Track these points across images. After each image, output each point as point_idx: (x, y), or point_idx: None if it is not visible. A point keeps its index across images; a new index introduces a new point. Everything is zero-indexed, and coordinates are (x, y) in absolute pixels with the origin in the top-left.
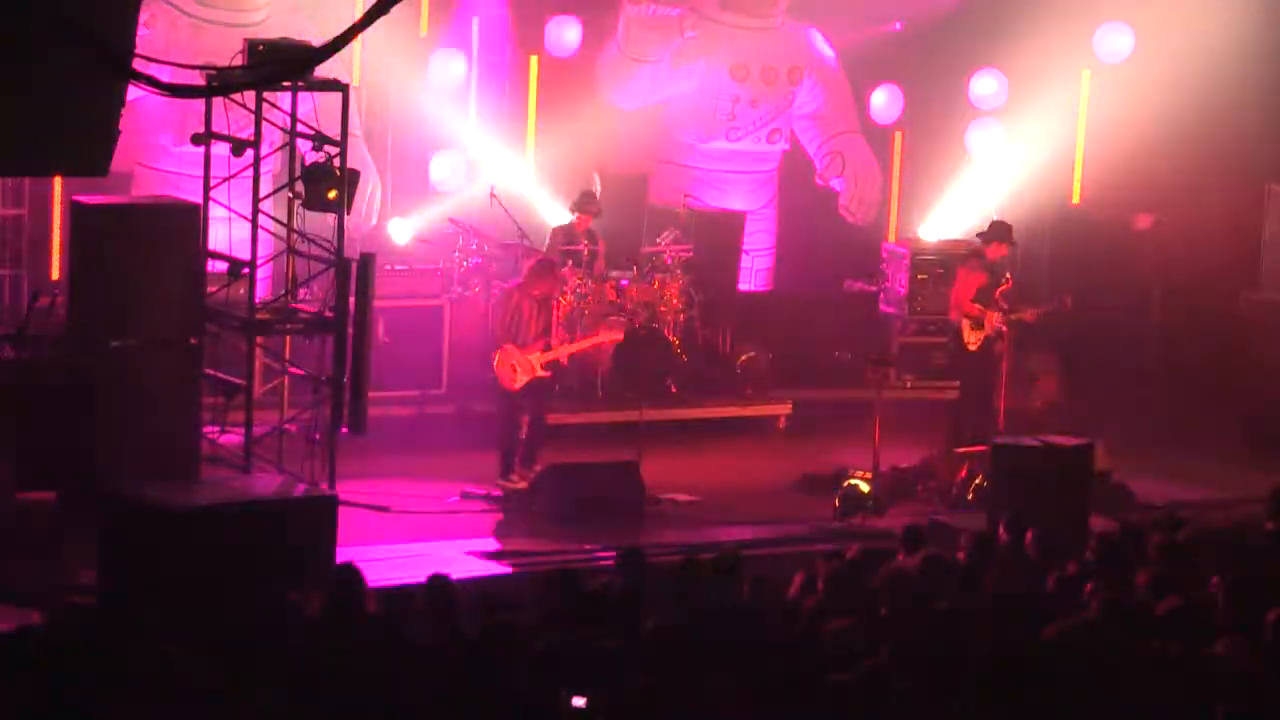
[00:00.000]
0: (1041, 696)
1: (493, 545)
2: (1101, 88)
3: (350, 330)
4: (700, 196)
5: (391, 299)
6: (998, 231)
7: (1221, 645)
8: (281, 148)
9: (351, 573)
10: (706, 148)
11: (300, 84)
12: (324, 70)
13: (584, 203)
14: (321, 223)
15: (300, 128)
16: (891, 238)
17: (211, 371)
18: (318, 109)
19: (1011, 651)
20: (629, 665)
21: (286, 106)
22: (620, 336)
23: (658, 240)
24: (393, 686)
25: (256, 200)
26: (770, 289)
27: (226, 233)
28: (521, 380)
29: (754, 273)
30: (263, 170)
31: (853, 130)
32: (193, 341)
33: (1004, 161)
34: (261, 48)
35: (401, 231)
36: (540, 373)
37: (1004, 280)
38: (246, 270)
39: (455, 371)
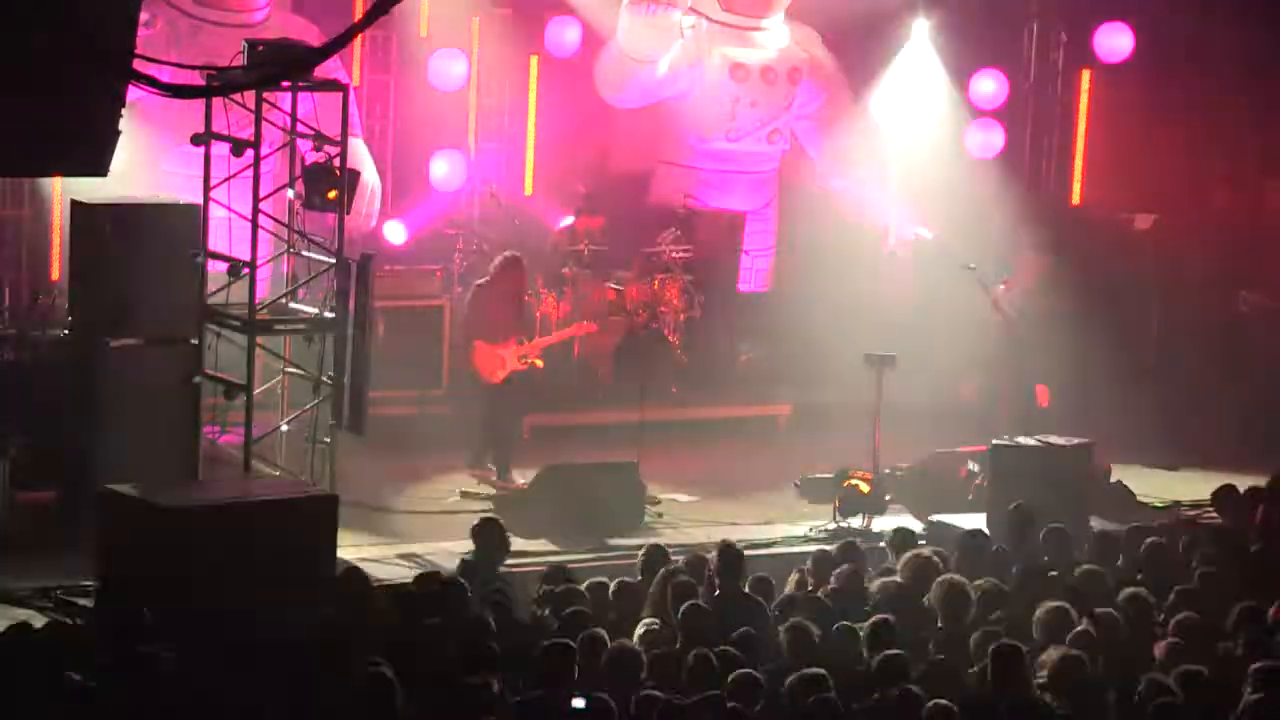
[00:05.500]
0: None
1: None
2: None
3: (350, 330)
4: (700, 196)
5: (391, 299)
6: None
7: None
8: (281, 148)
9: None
10: (706, 148)
11: (300, 84)
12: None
13: (586, 203)
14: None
15: (300, 128)
16: (892, 238)
17: (211, 371)
18: (317, 109)
19: None
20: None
21: (286, 106)
22: (594, 328)
23: (658, 240)
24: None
25: (256, 200)
26: (770, 289)
27: (227, 233)
28: (501, 374)
29: (754, 273)
30: (263, 170)
31: (853, 130)
32: (193, 341)
33: (1004, 161)
34: (261, 48)
35: (397, 232)
36: (517, 365)
37: (1003, 281)
38: (246, 270)
39: (455, 371)
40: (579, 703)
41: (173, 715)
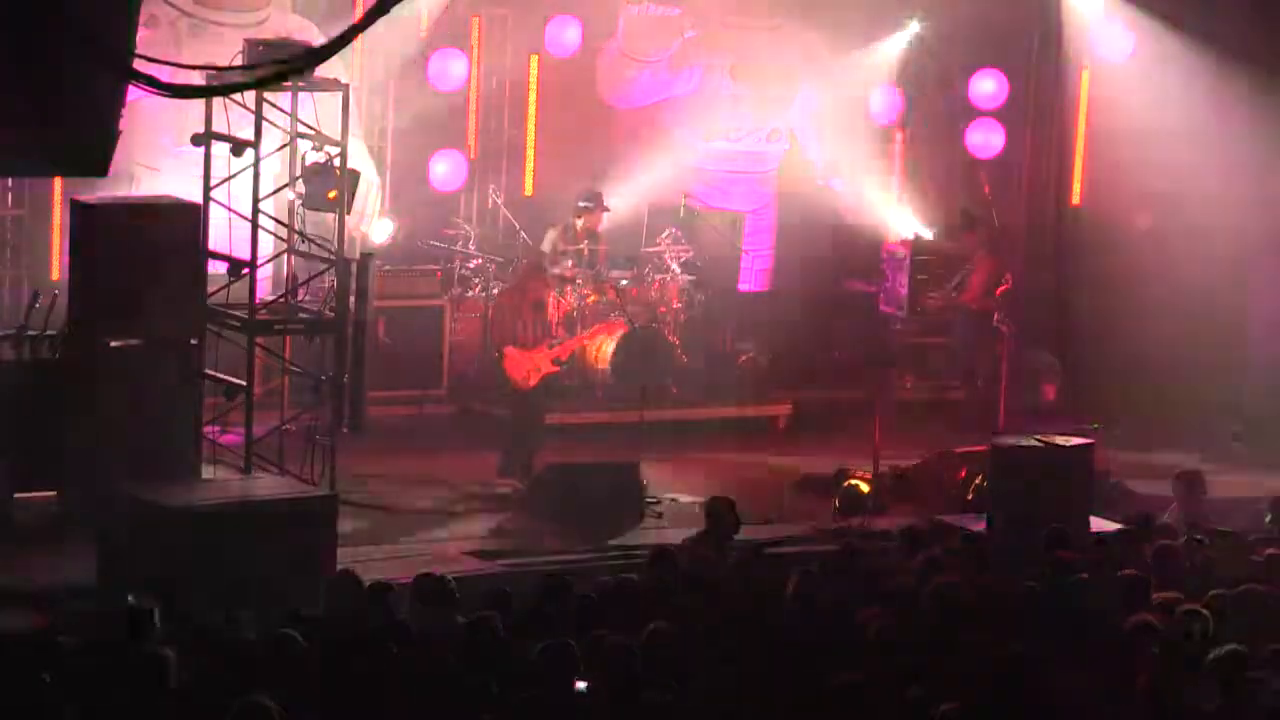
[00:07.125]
0: None
1: (492, 545)
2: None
3: (350, 330)
4: (700, 196)
5: (391, 299)
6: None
7: None
8: (281, 148)
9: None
10: (706, 148)
11: (300, 84)
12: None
13: (587, 203)
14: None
15: (300, 128)
16: (891, 238)
17: (211, 371)
18: (317, 109)
19: None
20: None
21: (286, 106)
22: (624, 328)
23: (658, 240)
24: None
25: (256, 200)
26: (770, 289)
27: (227, 233)
28: (535, 378)
29: (754, 273)
30: (263, 170)
31: (852, 131)
32: (193, 341)
33: (1004, 161)
34: (261, 48)
35: (384, 231)
36: (550, 368)
37: (1004, 280)
38: (246, 270)
39: (455, 371)
40: (582, 685)
41: (172, 715)
